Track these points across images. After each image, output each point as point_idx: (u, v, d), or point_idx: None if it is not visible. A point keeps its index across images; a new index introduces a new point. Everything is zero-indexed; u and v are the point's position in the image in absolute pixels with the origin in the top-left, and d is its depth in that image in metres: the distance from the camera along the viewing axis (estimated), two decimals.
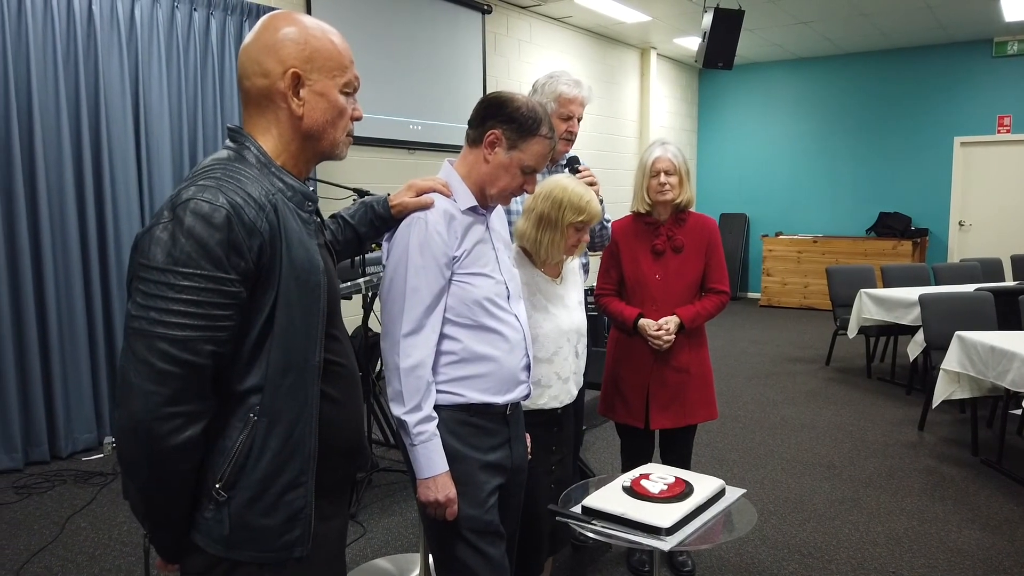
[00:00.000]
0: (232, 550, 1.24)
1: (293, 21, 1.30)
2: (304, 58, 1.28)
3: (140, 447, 1.16)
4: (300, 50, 1.28)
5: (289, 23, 1.29)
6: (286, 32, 1.28)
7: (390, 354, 1.68)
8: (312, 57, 1.28)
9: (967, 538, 3.25)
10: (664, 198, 2.71)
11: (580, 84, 2.68)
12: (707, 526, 1.91)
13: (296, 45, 1.28)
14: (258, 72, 1.28)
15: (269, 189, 1.25)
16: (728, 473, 3.99)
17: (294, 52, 1.27)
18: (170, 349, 1.13)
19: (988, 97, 9.10)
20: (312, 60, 1.28)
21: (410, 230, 1.68)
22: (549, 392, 2.24)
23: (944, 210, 9.48)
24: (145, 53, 4.44)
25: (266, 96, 1.29)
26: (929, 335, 4.76)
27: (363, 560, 3.04)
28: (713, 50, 6.71)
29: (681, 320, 2.72)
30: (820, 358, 6.76)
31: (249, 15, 4.97)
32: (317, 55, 1.29)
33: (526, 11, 7.64)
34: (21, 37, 3.91)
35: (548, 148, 1.78)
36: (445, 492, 1.67)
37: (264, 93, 1.29)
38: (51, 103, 4.06)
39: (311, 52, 1.28)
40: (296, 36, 1.28)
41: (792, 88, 10.34)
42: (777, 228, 10.39)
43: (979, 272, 6.67)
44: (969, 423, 4.41)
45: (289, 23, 1.29)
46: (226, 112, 4.88)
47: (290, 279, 1.24)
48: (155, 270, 1.14)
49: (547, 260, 2.25)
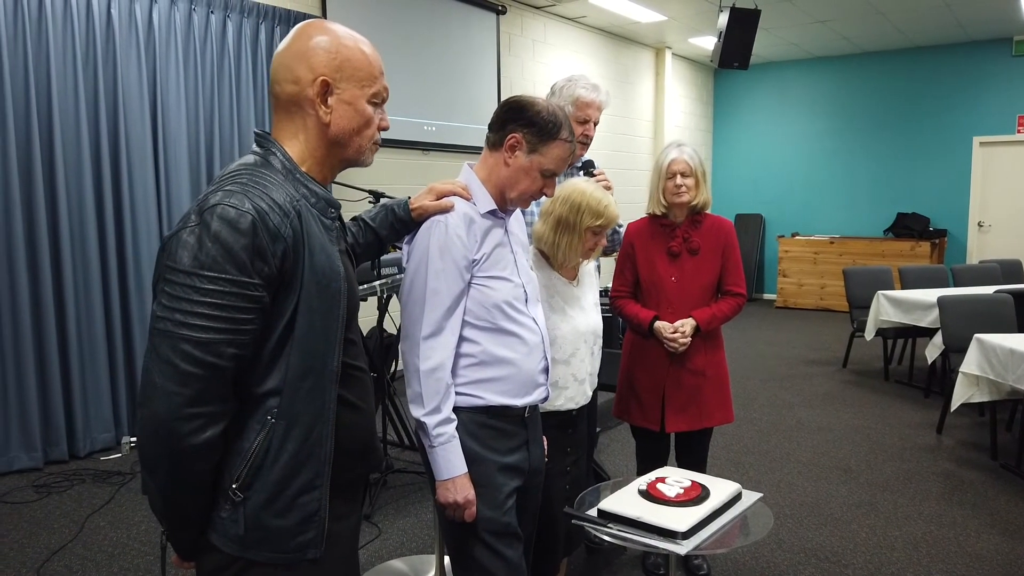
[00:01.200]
0: (247, 550, 1.26)
1: (326, 30, 1.32)
2: (334, 67, 1.30)
3: (162, 446, 1.18)
4: (331, 59, 1.30)
5: (322, 32, 1.31)
6: (318, 40, 1.30)
7: (410, 356, 1.69)
8: (342, 66, 1.31)
9: (986, 543, 3.22)
10: (680, 200, 2.70)
11: (598, 88, 2.68)
12: (723, 530, 1.91)
13: (327, 54, 1.30)
14: (289, 78, 1.30)
15: (293, 195, 1.27)
16: (744, 476, 3.97)
17: (325, 60, 1.30)
18: (194, 351, 1.15)
19: (1007, 96, 9.00)
20: (342, 69, 1.31)
21: (430, 233, 1.69)
22: (565, 394, 2.25)
23: (963, 211, 9.39)
24: (163, 56, 4.48)
25: (295, 102, 1.31)
26: (948, 337, 4.72)
27: (378, 561, 3.05)
28: (729, 50, 6.69)
29: (697, 323, 2.71)
30: (837, 360, 6.71)
31: (265, 18, 5.00)
32: (347, 64, 1.31)
33: (540, 11, 7.64)
34: (41, 40, 3.96)
35: (568, 152, 1.78)
36: (464, 494, 1.68)
37: (293, 99, 1.31)
38: (70, 105, 4.10)
39: (341, 61, 1.31)
40: (328, 45, 1.30)
41: (809, 87, 10.27)
42: (793, 229, 10.33)
43: (998, 274, 6.60)
44: (988, 427, 4.37)
45: (322, 32, 1.31)
46: (242, 115, 4.92)
47: (311, 285, 1.25)
48: (181, 273, 1.16)
49: (564, 263, 2.26)
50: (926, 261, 8.78)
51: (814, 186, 10.32)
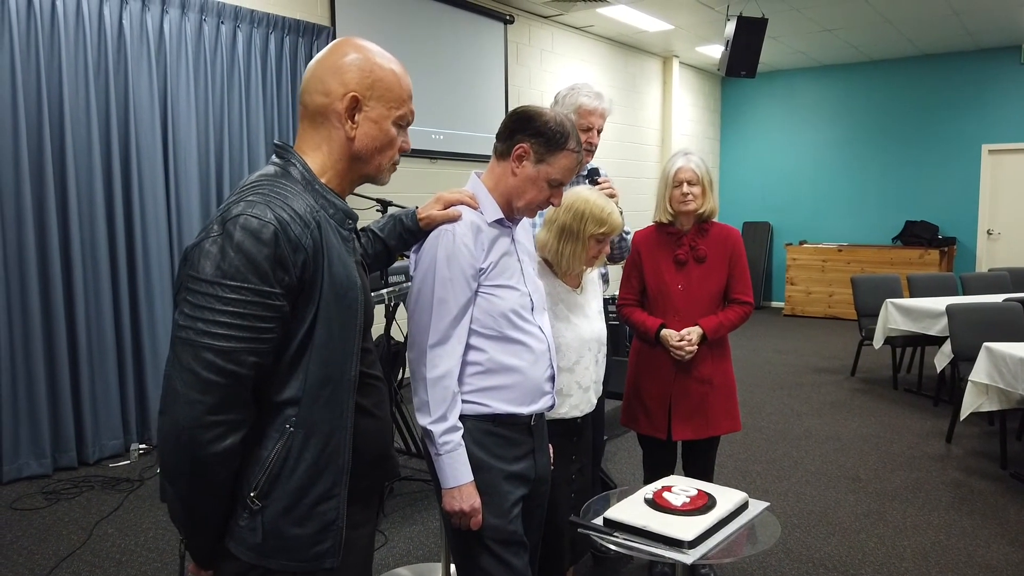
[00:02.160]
0: (264, 558, 1.27)
1: (362, 48, 1.35)
2: (366, 85, 1.33)
3: (182, 453, 1.19)
4: (364, 76, 1.33)
5: (358, 49, 1.34)
6: (353, 57, 1.33)
7: (417, 364, 1.69)
8: (374, 85, 1.33)
9: (995, 553, 3.20)
10: (687, 208, 2.71)
11: (601, 96, 2.70)
12: (730, 539, 1.90)
13: (360, 71, 1.33)
14: (320, 90, 1.33)
15: (313, 206, 1.29)
16: (751, 485, 3.96)
17: (357, 77, 1.32)
18: (215, 359, 1.17)
19: (1016, 104, 8.97)
20: (373, 88, 1.33)
21: (438, 242, 1.70)
22: (570, 401, 2.25)
23: (972, 219, 9.35)
24: (173, 66, 4.52)
25: (322, 114, 1.33)
26: (957, 346, 4.70)
27: (385, 569, 3.06)
28: (736, 58, 6.70)
29: (704, 331, 2.70)
30: (845, 368, 6.69)
31: (275, 28, 5.04)
32: (379, 84, 1.34)
33: (548, 21, 7.67)
34: (54, 50, 4.00)
35: (575, 162, 1.79)
36: (470, 502, 1.68)
37: (321, 111, 1.33)
38: (82, 114, 4.15)
39: (374, 80, 1.33)
40: (362, 63, 1.33)
41: (816, 96, 10.26)
42: (801, 236, 10.31)
43: (1008, 282, 6.57)
44: (998, 436, 4.34)
45: (358, 49, 1.34)
46: (252, 125, 4.95)
47: (330, 295, 1.27)
48: (204, 282, 1.18)
49: (568, 271, 2.26)
50: (935, 269, 8.75)
51: (822, 194, 10.30)
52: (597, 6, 7.13)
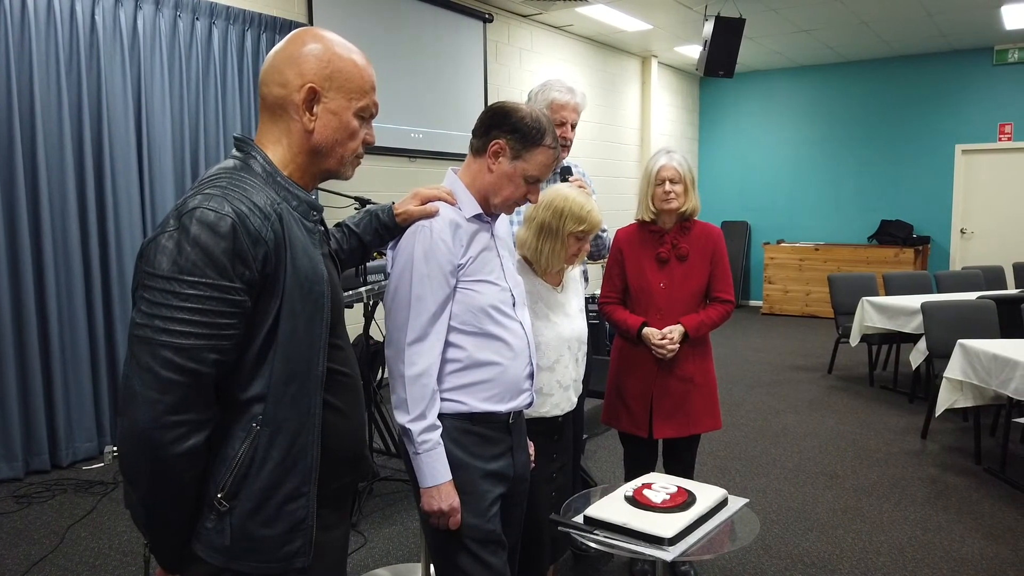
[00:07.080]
0: (233, 560, 1.24)
1: (321, 38, 1.31)
2: (324, 75, 1.29)
3: (143, 455, 1.15)
4: (322, 67, 1.29)
5: (316, 40, 1.31)
6: (311, 47, 1.30)
7: (395, 362, 1.67)
8: (332, 76, 1.30)
9: (970, 547, 3.23)
10: (669, 206, 2.71)
11: (573, 91, 2.70)
12: (710, 536, 1.90)
13: (319, 61, 1.29)
14: (277, 81, 1.29)
15: (274, 198, 1.26)
16: (731, 482, 3.98)
17: (315, 68, 1.29)
18: (174, 357, 1.13)
19: (989, 105, 9.11)
20: (332, 79, 1.30)
21: (415, 238, 1.68)
22: (551, 400, 2.24)
23: (946, 218, 9.49)
24: (147, 62, 4.45)
25: (280, 106, 1.30)
26: (931, 343, 4.75)
27: (364, 570, 3.03)
28: (714, 58, 6.74)
29: (685, 329, 2.71)
30: (822, 366, 6.75)
31: (251, 25, 4.98)
32: (338, 75, 1.30)
33: (527, 19, 7.66)
34: (24, 45, 3.92)
35: (552, 158, 1.78)
36: (449, 501, 1.67)
37: (279, 103, 1.30)
38: (54, 111, 4.07)
39: (332, 71, 1.30)
40: (320, 53, 1.30)
41: (793, 96, 10.36)
42: (779, 236, 10.40)
43: (981, 280, 6.66)
44: (972, 432, 4.40)
45: (316, 40, 1.31)
46: (228, 122, 4.89)
47: (294, 288, 1.24)
48: (160, 278, 1.15)
49: (548, 269, 2.25)
50: (910, 268, 8.86)
51: (799, 193, 10.40)
52: (576, 5, 7.14)
